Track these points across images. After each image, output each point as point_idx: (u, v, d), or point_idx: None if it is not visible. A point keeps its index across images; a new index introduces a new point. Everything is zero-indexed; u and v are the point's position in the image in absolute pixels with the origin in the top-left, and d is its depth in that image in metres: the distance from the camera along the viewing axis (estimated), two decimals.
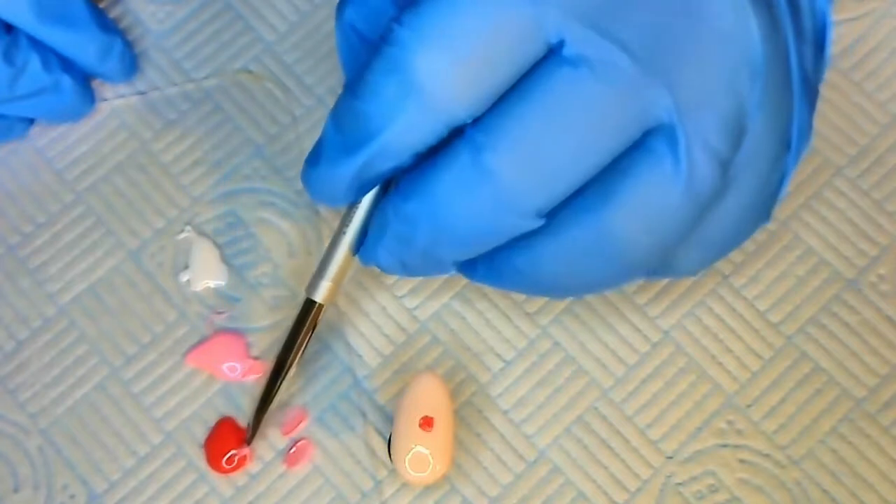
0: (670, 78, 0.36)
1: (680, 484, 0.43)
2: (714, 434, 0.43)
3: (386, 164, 0.38)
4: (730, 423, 0.43)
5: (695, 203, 0.37)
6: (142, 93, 0.48)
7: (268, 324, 0.45)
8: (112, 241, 0.46)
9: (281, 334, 0.44)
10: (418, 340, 0.44)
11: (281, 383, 0.42)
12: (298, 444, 0.43)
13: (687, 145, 0.37)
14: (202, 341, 0.44)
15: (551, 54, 0.36)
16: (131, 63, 0.47)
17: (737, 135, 0.38)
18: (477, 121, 0.37)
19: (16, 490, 0.43)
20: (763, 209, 0.40)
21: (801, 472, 0.43)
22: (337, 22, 0.39)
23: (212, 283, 0.45)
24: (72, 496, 0.42)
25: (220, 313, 0.45)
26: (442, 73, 0.36)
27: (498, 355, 0.44)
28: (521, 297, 0.45)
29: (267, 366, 0.44)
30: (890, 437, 0.43)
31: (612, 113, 0.36)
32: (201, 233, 0.46)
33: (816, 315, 0.45)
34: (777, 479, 0.43)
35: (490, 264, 0.39)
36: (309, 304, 0.41)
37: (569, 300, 0.45)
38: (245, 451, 0.43)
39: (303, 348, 0.42)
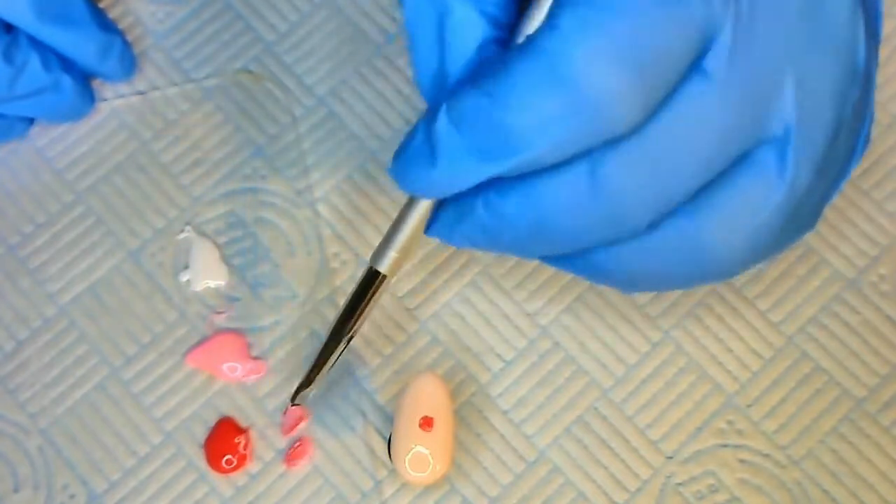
0: (798, 75, 0.35)
1: (680, 484, 0.42)
2: (714, 434, 0.43)
3: (520, 172, 0.35)
4: (730, 423, 0.43)
5: (792, 208, 0.36)
6: (142, 93, 0.48)
7: (268, 324, 0.45)
8: (112, 241, 0.46)
9: (281, 334, 0.44)
10: (418, 340, 0.44)
11: (340, 355, 0.40)
12: (298, 443, 0.43)
13: (795, 157, 0.36)
14: (202, 341, 0.44)
15: (699, 65, 0.34)
16: (131, 63, 0.47)
17: (834, 139, 0.37)
18: None
19: (16, 490, 0.43)
20: (818, 210, 0.39)
21: (801, 472, 0.43)
22: None
23: (212, 283, 0.45)
24: (72, 496, 0.43)
25: (219, 313, 0.45)
26: (614, 87, 0.33)
27: (498, 355, 0.44)
28: (521, 296, 0.45)
29: (267, 365, 0.44)
30: (890, 437, 0.43)
31: (737, 127, 0.35)
32: (201, 233, 0.46)
33: (817, 315, 0.44)
34: (777, 479, 0.42)
35: (568, 256, 0.38)
36: (373, 275, 0.39)
37: (569, 300, 0.45)
38: (245, 451, 0.43)
39: (362, 320, 0.40)
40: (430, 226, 0.38)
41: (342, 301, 0.45)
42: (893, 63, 0.48)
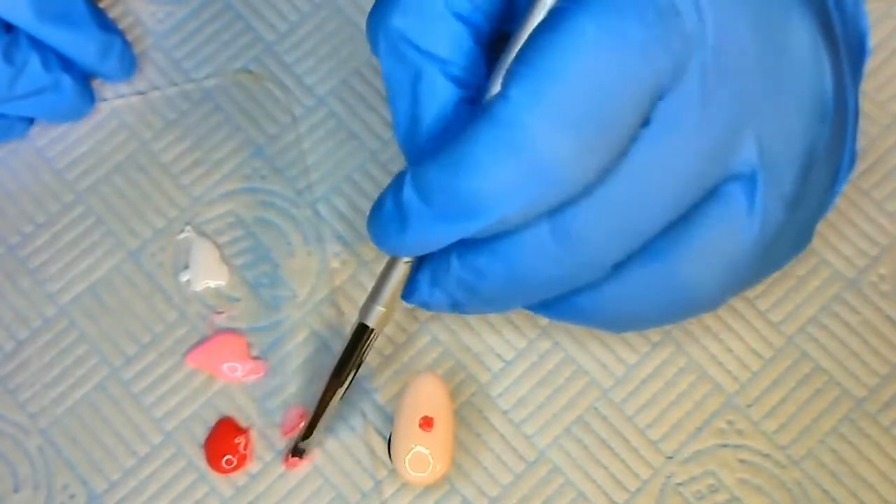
0: (758, 128, 0.36)
1: (680, 484, 0.42)
2: (714, 434, 0.43)
3: (486, 234, 0.36)
4: (730, 423, 0.43)
5: (764, 244, 0.37)
6: (141, 93, 0.48)
7: (268, 324, 0.45)
8: (112, 241, 0.46)
9: (281, 334, 0.44)
10: (418, 340, 0.44)
11: (336, 405, 0.41)
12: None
13: (763, 192, 0.36)
14: (202, 341, 0.44)
15: (656, 115, 0.35)
16: (131, 62, 0.47)
17: (805, 175, 0.37)
18: None
19: (16, 490, 0.43)
20: (808, 232, 0.40)
21: (801, 472, 0.43)
22: (377, 30, 0.37)
23: (212, 283, 0.45)
24: (72, 496, 0.42)
25: (220, 313, 0.45)
26: (566, 153, 0.34)
27: (498, 355, 0.44)
28: None
29: (267, 365, 0.44)
30: (890, 437, 0.43)
31: (701, 170, 0.35)
32: (201, 233, 0.46)
33: (817, 315, 0.44)
34: (777, 479, 0.42)
35: (551, 302, 0.39)
36: (361, 329, 0.40)
37: None
38: (245, 451, 0.43)
39: (354, 372, 0.41)
40: (409, 293, 0.40)
41: (341, 301, 0.45)
42: (893, 63, 0.48)
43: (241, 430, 0.43)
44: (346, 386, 0.41)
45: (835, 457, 0.43)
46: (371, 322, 0.40)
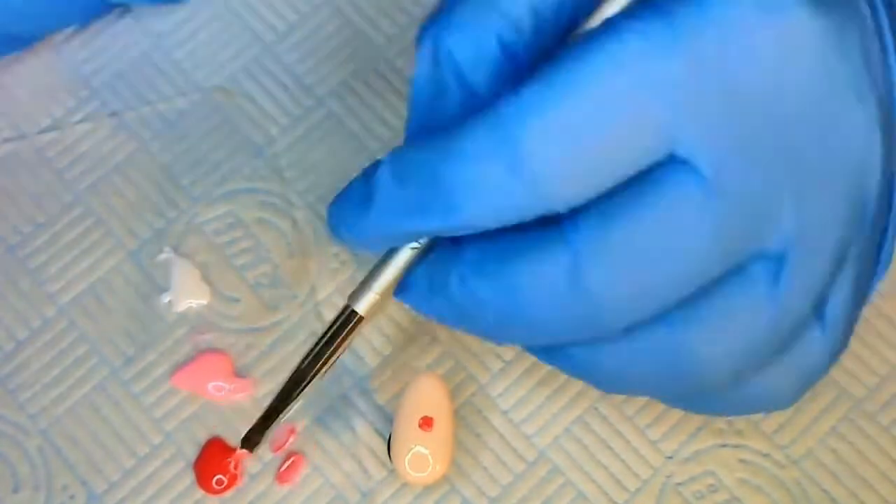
0: (800, 198, 0.34)
1: (680, 484, 0.43)
2: (713, 434, 0.43)
3: (452, 233, 0.34)
4: (729, 422, 0.43)
5: (780, 333, 0.35)
6: (141, 93, 0.48)
7: (267, 324, 0.45)
8: (112, 242, 0.46)
9: (280, 335, 0.44)
10: (418, 340, 0.44)
11: (298, 395, 0.38)
12: (290, 459, 0.43)
13: (789, 280, 0.34)
14: (187, 362, 0.44)
15: (672, 163, 0.33)
16: None
17: (837, 268, 0.35)
18: (577, 219, 0.33)
19: (15, 490, 0.43)
20: (846, 337, 0.38)
21: (800, 472, 0.43)
22: (426, 45, 0.35)
23: (194, 303, 0.45)
24: (71, 496, 0.43)
25: (202, 334, 0.44)
26: (554, 161, 0.32)
27: (498, 355, 0.44)
28: None
29: (252, 382, 0.44)
30: (890, 436, 0.43)
31: (728, 237, 0.33)
32: (181, 254, 0.46)
33: None
34: (777, 478, 0.43)
35: (548, 349, 0.37)
36: (349, 315, 0.38)
37: None
38: (236, 470, 0.42)
39: (332, 362, 0.38)
40: (403, 291, 0.37)
41: (340, 302, 0.45)
42: None
43: (230, 450, 0.43)
44: (310, 379, 0.38)
45: (834, 456, 0.43)
46: (361, 309, 0.37)
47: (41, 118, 0.48)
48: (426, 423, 0.41)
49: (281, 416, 0.38)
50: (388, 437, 0.42)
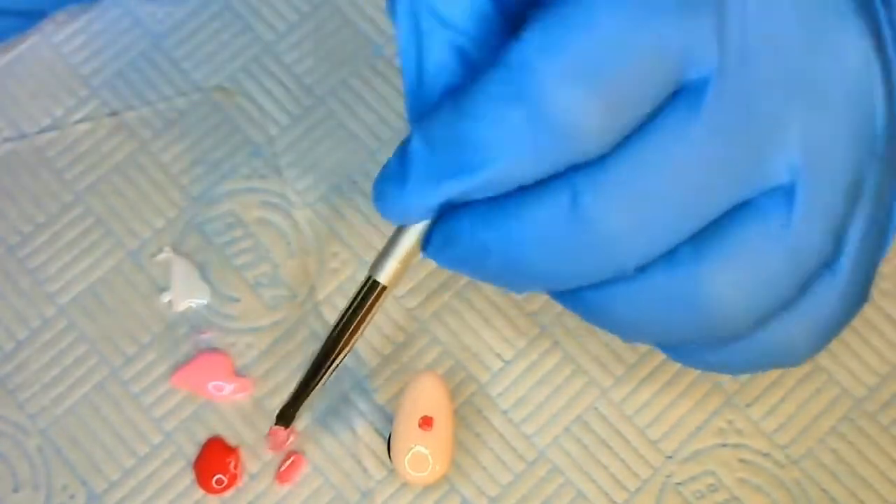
0: (804, 128, 0.33)
1: (679, 484, 0.43)
2: (713, 433, 0.43)
3: (485, 194, 0.34)
4: (729, 422, 0.43)
5: (798, 270, 0.35)
6: (140, 93, 0.48)
7: (267, 324, 0.45)
8: (112, 241, 0.46)
9: (280, 335, 0.44)
10: (418, 340, 0.44)
11: (332, 371, 0.38)
12: (290, 460, 0.43)
13: (802, 211, 0.34)
14: (187, 362, 0.44)
15: (682, 93, 0.33)
16: None
17: (851, 205, 0.35)
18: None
19: (15, 490, 0.43)
20: (864, 288, 0.37)
21: (800, 472, 0.43)
22: (403, 3, 0.35)
23: (193, 303, 0.45)
24: (71, 496, 0.42)
25: (203, 333, 0.44)
26: (578, 105, 0.32)
27: (498, 355, 0.44)
28: (521, 296, 0.45)
29: (252, 381, 0.44)
30: (890, 436, 0.43)
31: (731, 164, 0.33)
32: (180, 253, 0.46)
33: None
34: (777, 478, 0.43)
35: (564, 293, 0.37)
36: (371, 286, 0.38)
37: None
38: (236, 470, 0.42)
39: (359, 334, 0.38)
40: (423, 246, 0.37)
41: (340, 302, 0.45)
42: None
43: (230, 450, 0.43)
44: (346, 353, 0.38)
45: (834, 456, 0.43)
46: (383, 279, 0.37)
47: (41, 118, 0.48)
48: (426, 422, 0.41)
49: (312, 390, 0.39)
50: (388, 436, 0.42)
